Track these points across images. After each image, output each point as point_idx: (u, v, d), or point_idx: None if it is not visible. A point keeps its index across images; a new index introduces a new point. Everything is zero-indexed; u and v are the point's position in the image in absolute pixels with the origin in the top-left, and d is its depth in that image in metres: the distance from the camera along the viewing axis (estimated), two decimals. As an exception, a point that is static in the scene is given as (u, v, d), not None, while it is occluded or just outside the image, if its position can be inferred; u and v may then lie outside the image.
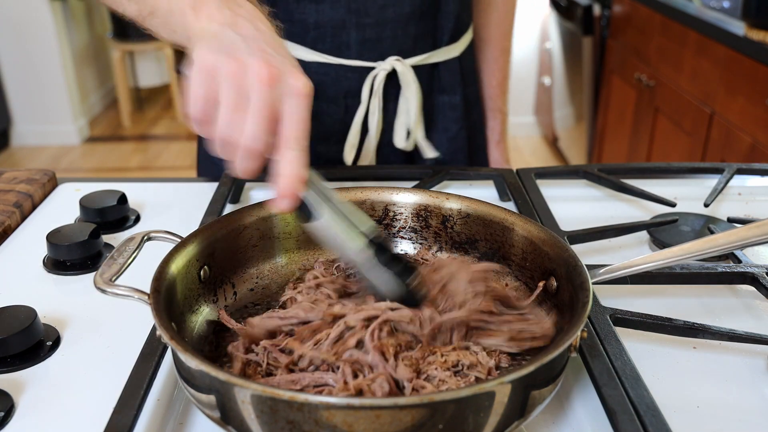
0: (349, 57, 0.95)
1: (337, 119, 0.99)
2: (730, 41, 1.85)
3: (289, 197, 0.51)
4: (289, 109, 0.50)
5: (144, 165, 3.61)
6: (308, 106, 0.51)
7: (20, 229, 0.83)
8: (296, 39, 0.94)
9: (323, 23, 0.92)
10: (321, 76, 0.96)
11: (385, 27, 0.93)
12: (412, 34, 0.95)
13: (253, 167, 0.51)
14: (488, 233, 0.66)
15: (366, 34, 0.93)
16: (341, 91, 0.97)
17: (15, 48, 3.62)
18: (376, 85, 0.95)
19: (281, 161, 0.50)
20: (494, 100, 1.12)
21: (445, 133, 1.05)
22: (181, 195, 0.92)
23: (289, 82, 0.50)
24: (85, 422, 0.53)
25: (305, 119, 0.51)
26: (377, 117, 0.97)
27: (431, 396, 0.42)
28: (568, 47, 3.06)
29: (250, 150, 0.50)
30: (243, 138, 0.49)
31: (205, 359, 0.45)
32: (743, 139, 1.80)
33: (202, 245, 0.60)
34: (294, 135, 0.50)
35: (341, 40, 0.94)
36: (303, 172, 0.51)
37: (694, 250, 0.58)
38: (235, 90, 0.49)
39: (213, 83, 0.50)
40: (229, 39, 0.51)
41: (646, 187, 0.89)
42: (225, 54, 0.50)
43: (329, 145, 1.01)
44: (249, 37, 0.51)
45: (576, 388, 0.57)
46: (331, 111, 0.98)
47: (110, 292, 0.54)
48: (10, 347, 0.59)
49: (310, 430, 0.43)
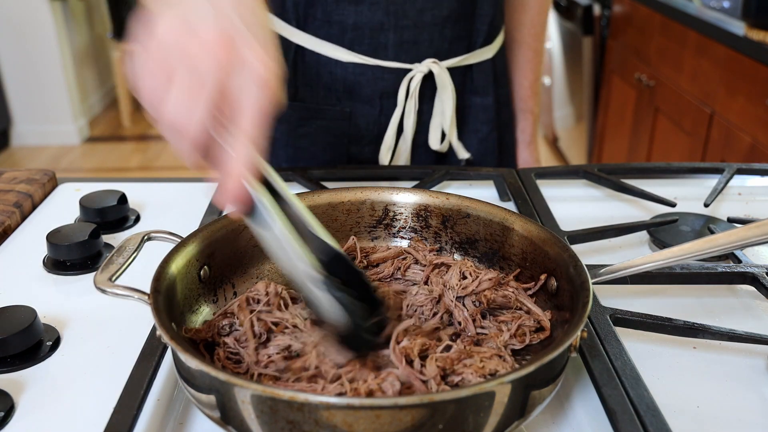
0: (386, 58, 0.95)
1: (372, 120, 1.00)
2: (730, 41, 1.85)
3: (231, 194, 0.47)
4: (246, 97, 0.46)
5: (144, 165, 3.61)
6: (269, 95, 0.46)
7: (20, 229, 0.83)
8: (334, 40, 0.94)
9: (361, 25, 0.93)
10: (357, 76, 0.96)
11: (422, 30, 0.94)
12: (448, 36, 0.96)
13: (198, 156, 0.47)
14: (488, 233, 0.66)
15: (404, 37, 0.94)
16: (377, 91, 0.97)
17: (15, 48, 3.62)
18: (412, 87, 0.96)
19: (229, 154, 0.46)
20: (525, 101, 1.12)
21: (476, 134, 1.05)
22: (181, 195, 0.92)
23: (251, 67, 0.46)
24: (85, 422, 0.53)
25: (262, 110, 0.46)
26: (412, 118, 0.98)
27: (431, 396, 0.42)
28: (568, 47, 3.06)
29: (194, 138, 0.46)
30: (189, 125, 0.45)
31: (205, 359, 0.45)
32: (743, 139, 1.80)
33: (202, 245, 0.60)
34: (247, 128, 0.46)
35: (379, 41, 0.94)
36: (252, 170, 0.47)
37: (694, 250, 0.58)
38: (189, 71, 0.45)
39: (167, 62, 0.45)
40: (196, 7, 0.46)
41: (646, 187, 0.89)
42: (185, 29, 0.45)
43: (362, 146, 1.02)
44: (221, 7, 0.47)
45: (576, 388, 0.57)
46: (366, 112, 0.99)
47: (110, 292, 0.54)
48: (10, 347, 0.59)
49: (310, 430, 0.43)
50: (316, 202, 0.68)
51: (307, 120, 1.01)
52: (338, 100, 0.99)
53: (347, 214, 0.70)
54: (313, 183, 0.88)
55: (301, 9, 0.94)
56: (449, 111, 0.99)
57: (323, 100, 0.99)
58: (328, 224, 0.69)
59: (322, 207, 0.69)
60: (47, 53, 3.64)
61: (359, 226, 0.70)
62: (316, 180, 0.89)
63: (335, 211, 0.69)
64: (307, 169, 0.92)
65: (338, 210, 0.69)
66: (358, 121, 1.00)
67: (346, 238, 0.69)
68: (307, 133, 1.01)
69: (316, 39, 0.95)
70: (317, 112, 1.00)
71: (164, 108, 0.45)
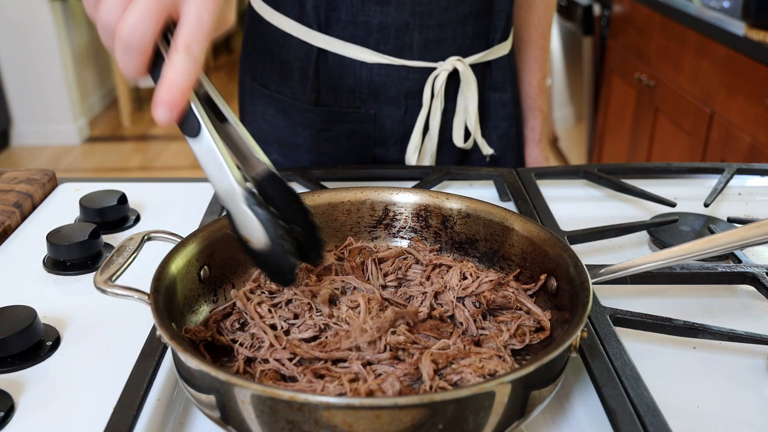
0: (411, 58, 0.95)
1: (397, 121, 1.00)
2: (730, 41, 1.85)
3: (170, 107, 0.47)
4: (189, 10, 0.47)
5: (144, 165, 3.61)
6: (214, 11, 0.47)
7: (20, 229, 0.83)
8: (358, 41, 0.94)
9: (387, 25, 0.93)
10: (383, 77, 0.96)
11: (446, 28, 0.95)
12: (469, 33, 0.97)
13: (132, 64, 0.47)
14: (488, 233, 0.66)
15: (428, 36, 0.94)
16: (402, 92, 0.98)
17: (15, 48, 3.62)
18: (437, 86, 0.96)
19: (167, 66, 0.46)
20: (534, 99, 1.13)
21: (496, 131, 1.06)
22: (181, 195, 0.92)
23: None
24: (85, 422, 0.53)
25: (205, 24, 0.47)
26: (438, 117, 0.98)
27: (431, 396, 0.42)
28: (568, 47, 3.06)
29: (127, 42, 0.46)
30: (121, 27, 0.45)
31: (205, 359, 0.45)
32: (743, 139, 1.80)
33: (202, 245, 0.60)
34: (186, 39, 0.46)
35: (404, 41, 0.94)
36: (187, 82, 0.47)
37: (694, 250, 0.58)
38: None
39: None
40: None
41: (646, 187, 0.89)
42: None
43: (387, 147, 1.02)
44: None
45: (576, 388, 0.57)
46: (391, 113, 0.99)
47: (110, 292, 0.54)
48: (10, 347, 0.59)
49: (310, 430, 0.43)
50: (316, 202, 0.68)
51: (331, 124, 1.00)
52: (362, 103, 0.99)
53: (347, 214, 0.70)
54: (313, 183, 0.88)
55: (322, 12, 0.93)
56: (473, 108, 0.99)
57: (346, 103, 0.99)
58: (328, 224, 0.69)
59: (322, 207, 0.69)
60: (47, 53, 3.64)
61: (359, 226, 0.70)
62: (316, 180, 0.89)
63: (335, 211, 0.69)
64: (307, 169, 0.92)
65: (338, 210, 0.69)
66: (383, 122, 1.00)
67: (347, 239, 0.69)
68: (331, 137, 1.01)
69: (340, 41, 0.95)
70: (341, 115, 1.00)
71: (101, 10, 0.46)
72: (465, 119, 1.00)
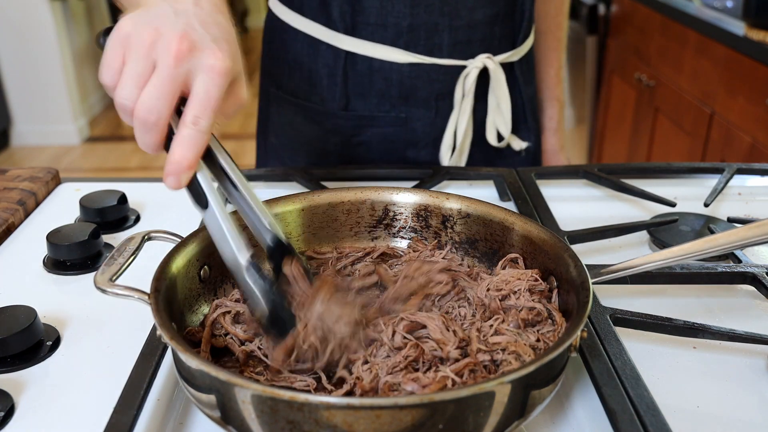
0: (441, 57, 0.96)
1: (428, 122, 1.00)
2: (730, 41, 1.85)
3: (177, 177, 0.49)
4: (197, 85, 0.49)
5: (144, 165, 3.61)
6: (220, 85, 0.49)
7: (20, 229, 0.83)
8: (389, 42, 0.94)
9: (417, 27, 0.93)
10: (413, 79, 0.97)
11: (475, 29, 0.95)
12: (497, 34, 0.98)
13: (150, 141, 0.49)
14: (488, 233, 0.66)
15: (458, 37, 0.95)
16: (433, 93, 0.98)
17: (15, 48, 3.62)
18: (468, 85, 0.97)
19: (177, 139, 0.49)
20: (552, 89, 1.14)
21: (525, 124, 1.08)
22: (181, 195, 0.91)
23: (203, 58, 0.48)
24: (85, 422, 0.53)
25: (212, 98, 0.49)
26: (468, 116, 0.99)
27: (431, 396, 0.42)
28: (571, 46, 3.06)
29: (143, 121, 0.48)
30: (138, 107, 0.48)
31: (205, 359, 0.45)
32: (743, 139, 1.80)
33: (202, 245, 0.60)
34: (194, 113, 0.48)
35: (434, 42, 0.95)
36: (194, 156, 0.49)
37: (694, 250, 0.58)
38: (143, 58, 0.48)
39: (127, 51, 0.49)
40: (160, 11, 0.50)
41: (646, 187, 0.89)
42: (145, 24, 0.49)
43: (419, 150, 1.02)
44: (182, 11, 0.50)
45: (576, 388, 0.57)
46: (422, 115, 0.99)
47: (110, 292, 0.54)
48: (10, 347, 0.59)
49: (310, 430, 0.43)
50: (316, 202, 0.68)
51: (362, 129, 1.01)
52: (392, 107, 0.99)
53: (347, 214, 0.70)
54: (313, 183, 0.88)
55: (348, 17, 0.93)
56: (505, 105, 1.00)
57: (376, 108, 0.99)
58: (328, 224, 0.69)
59: (322, 207, 0.69)
60: (47, 53, 3.64)
61: (359, 226, 0.70)
62: (316, 180, 0.89)
63: (335, 211, 0.69)
64: (307, 169, 0.92)
65: (338, 210, 0.69)
66: (414, 125, 1.00)
67: (346, 238, 0.69)
68: (362, 141, 1.02)
69: (369, 43, 0.94)
70: (371, 119, 1.00)
71: (119, 92, 0.49)
72: (496, 118, 1.01)
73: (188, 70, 0.48)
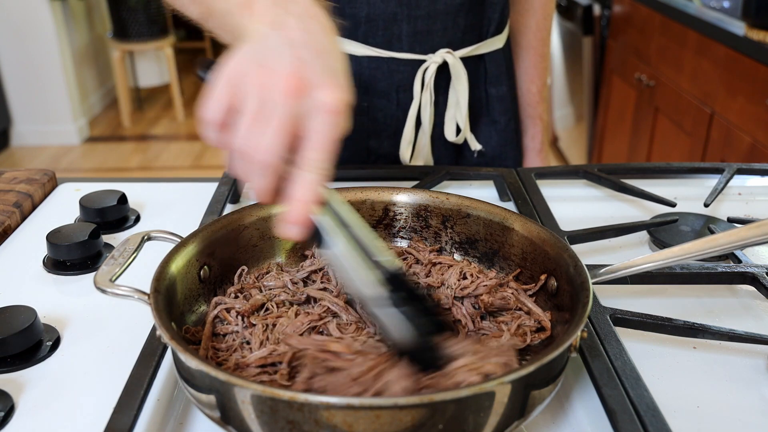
0: (400, 50, 0.95)
1: (389, 114, 0.99)
2: (730, 41, 1.85)
3: (298, 224, 0.47)
4: (314, 126, 0.46)
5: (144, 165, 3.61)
6: (336, 123, 0.47)
7: (20, 229, 0.83)
8: (347, 34, 0.94)
9: (375, 17, 0.93)
10: (373, 70, 0.96)
11: (435, 19, 0.94)
12: (461, 25, 0.96)
13: (267, 185, 0.47)
14: (488, 233, 0.66)
15: (417, 27, 0.94)
16: (393, 85, 0.97)
17: (15, 48, 3.62)
18: (427, 79, 0.96)
19: (296, 183, 0.47)
20: (534, 107, 1.10)
21: (494, 126, 1.05)
22: (181, 195, 0.92)
23: (320, 96, 0.46)
24: (85, 422, 0.53)
25: (330, 139, 0.47)
26: (429, 111, 0.98)
27: (431, 396, 0.42)
28: (568, 47, 3.06)
29: (265, 165, 0.46)
30: (259, 151, 0.46)
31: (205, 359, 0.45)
32: (743, 139, 1.80)
33: (202, 245, 0.60)
34: (314, 156, 0.46)
35: (392, 33, 0.94)
36: (317, 198, 0.47)
37: (694, 250, 0.58)
38: (259, 100, 0.46)
39: (238, 91, 0.46)
40: (270, 44, 0.47)
41: (646, 187, 0.89)
42: (256, 62, 0.47)
43: (381, 140, 1.02)
44: (293, 41, 0.47)
45: (576, 388, 0.57)
46: (383, 106, 0.99)
47: (110, 292, 0.54)
48: (10, 347, 0.59)
49: (310, 430, 0.43)
50: (316, 202, 0.68)
51: None
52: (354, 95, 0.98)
53: (347, 214, 0.69)
54: (313, 183, 0.88)
55: None
56: (464, 101, 0.99)
57: None
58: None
59: (322, 207, 0.69)
60: (47, 53, 3.64)
61: (359, 226, 0.70)
62: (316, 180, 0.89)
63: (335, 211, 0.69)
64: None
65: (338, 210, 0.69)
66: (375, 115, 1.00)
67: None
68: None
69: None
70: None
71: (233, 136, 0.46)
72: (456, 113, 1.00)
73: (303, 109, 0.46)
